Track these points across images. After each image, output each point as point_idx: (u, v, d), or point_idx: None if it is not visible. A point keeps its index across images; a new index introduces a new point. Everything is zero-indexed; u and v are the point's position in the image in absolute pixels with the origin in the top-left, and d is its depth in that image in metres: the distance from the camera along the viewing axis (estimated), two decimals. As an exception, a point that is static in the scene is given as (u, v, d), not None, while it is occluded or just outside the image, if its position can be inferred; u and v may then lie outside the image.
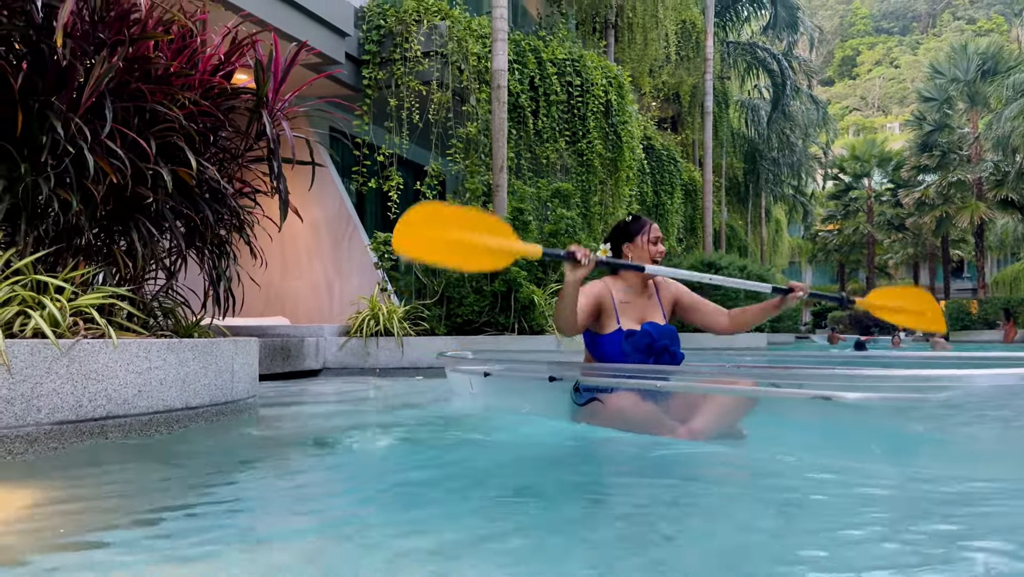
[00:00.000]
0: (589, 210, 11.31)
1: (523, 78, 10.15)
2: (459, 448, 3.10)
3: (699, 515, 1.91)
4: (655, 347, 2.94)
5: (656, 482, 2.32)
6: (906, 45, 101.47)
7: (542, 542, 1.59)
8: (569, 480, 2.40)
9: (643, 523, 1.77)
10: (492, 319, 8.18)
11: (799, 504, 1.98)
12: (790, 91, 22.12)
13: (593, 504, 2.04)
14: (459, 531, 1.66)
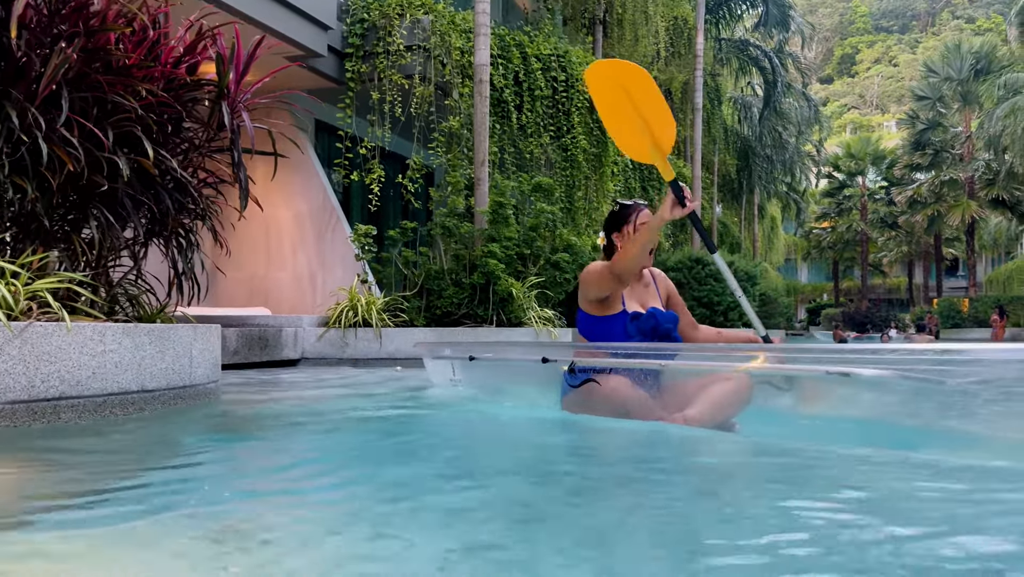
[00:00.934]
0: (573, 205, 11.41)
1: (507, 73, 10.23)
2: (421, 433, 3.20)
3: (636, 489, 2.01)
4: (660, 330, 2.92)
5: (637, 467, 2.42)
6: (905, 44, 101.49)
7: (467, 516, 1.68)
8: (530, 463, 2.49)
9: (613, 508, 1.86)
10: (471, 311, 8.27)
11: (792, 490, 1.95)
12: (781, 88, 22.21)
13: (547, 484, 2.13)
14: (402, 507, 1.75)
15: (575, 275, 9.38)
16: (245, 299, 9.56)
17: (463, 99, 9.44)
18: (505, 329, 8.14)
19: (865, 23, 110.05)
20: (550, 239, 9.20)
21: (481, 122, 8.77)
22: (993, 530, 1.45)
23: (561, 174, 11.15)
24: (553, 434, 3.07)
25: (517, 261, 8.66)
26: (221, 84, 3.42)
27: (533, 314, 8.50)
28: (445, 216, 8.43)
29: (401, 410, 3.91)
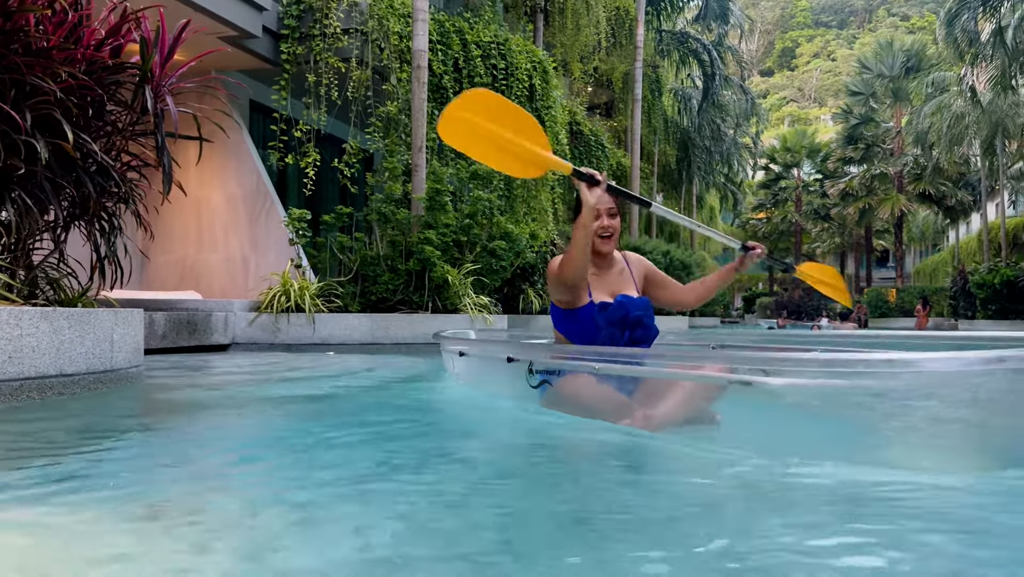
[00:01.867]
0: (511, 193, 11.49)
1: (447, 59, 10.24)
2: (339, 417, 3.25)
3: (539, 476, 2.12)
4: (629, 319, 2.77)
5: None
6: (843, 39, 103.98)
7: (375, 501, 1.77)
8: (449, 448, 2.58)
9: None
10: (407, 297, 8.32)
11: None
12: (720, 81, 22.64)
13: (463, 469, 2.22)
14: (319, 490, 1.82)
15: (511, 263, 9.51)
16: (175, 283, 9.42)
17: (401, 84, 9.42)
18: (441, 316, 8.21)
19: (806, 17, 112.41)
20: (487, 227, 9.27)
21: (419, 108, 8.78)
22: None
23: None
24: (484, 423, 3.17)
25: (454, 248, 8.72)
26: (144, 68, 3.40)
27: (469, 301, 8.59)
28: (382, 202, 8.43)
29: (329, 394, 3.97)
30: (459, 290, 8.45)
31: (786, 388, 2.07)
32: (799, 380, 2.07)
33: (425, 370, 5.63)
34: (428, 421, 3.24)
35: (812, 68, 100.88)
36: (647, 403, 2.58)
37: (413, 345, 7.89)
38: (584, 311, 2.82)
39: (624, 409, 2.61)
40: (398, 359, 6.50)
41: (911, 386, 1.91)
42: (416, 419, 3.28)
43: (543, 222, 11.98)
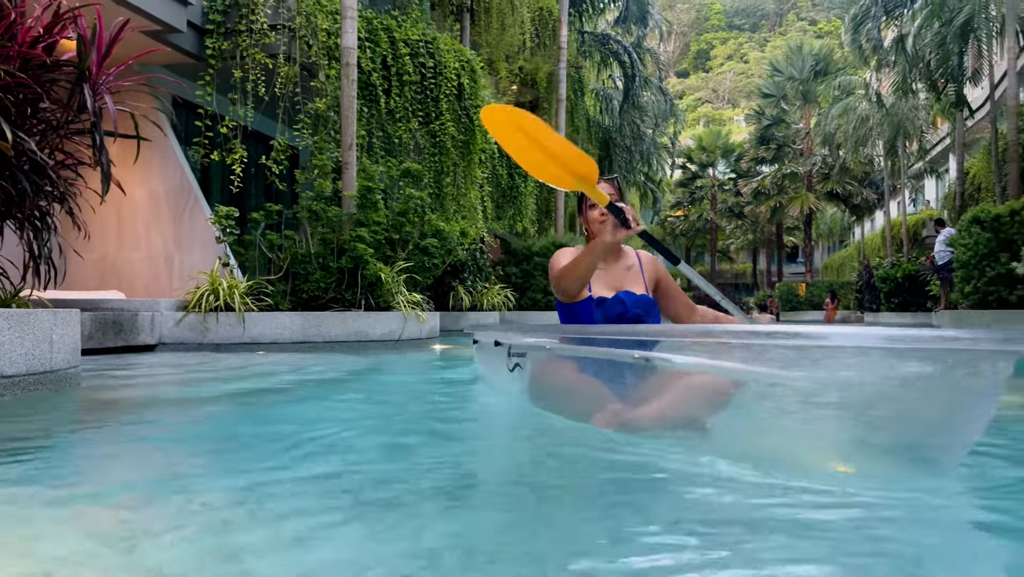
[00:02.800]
0: (442, 190, 11.56)
1: (375, 56, 10.23)
2: (273, 418, 3.28)
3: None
4: (627, 316, 2.67)
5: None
6: (755, 42, 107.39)
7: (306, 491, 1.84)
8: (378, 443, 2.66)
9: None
10: (339, 295, 8.30)
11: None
12: (639, 82, 23.17)
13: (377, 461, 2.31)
14: (254, 490, 1.89)
15: (443, 260, 9.58)
16: (97, 282, 9.14)
17: (330, 81, 9.37)
18: (373, 313, 8.23)
19: (720, 20, 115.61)
20: (419, 224, 9.32)
21: (348, 105, 8.76)
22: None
23: (430, 160, 11.27)
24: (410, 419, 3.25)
25: (386, 246, 8.74)
26: (82, 66, 3.36)
27: (402, 298, 8.62)
28: (312, 199, 8.38)
29: (260, 394, 3.98)
30: (392, 288, 8.48)
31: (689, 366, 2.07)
32: (700, 359, 2.04)
33: (360, 367, 5.67)
34: (366, 415, 3.31)
35: (726, 70, 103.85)
36: (627, 401, 2.33)
37: (346, 343, 7.88)
38: (582, 306, 2.73)
39: (607, 405, 2.36)
40: (332, 357, 6.50)
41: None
42: (352, 412, 3.35)
43: (473, 220, 12.09)
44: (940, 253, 14.94)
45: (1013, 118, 13.70)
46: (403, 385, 4.78)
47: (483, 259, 13.87)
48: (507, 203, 16.66)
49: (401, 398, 4.00)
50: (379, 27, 10.39)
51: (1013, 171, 13.52)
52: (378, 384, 4.74)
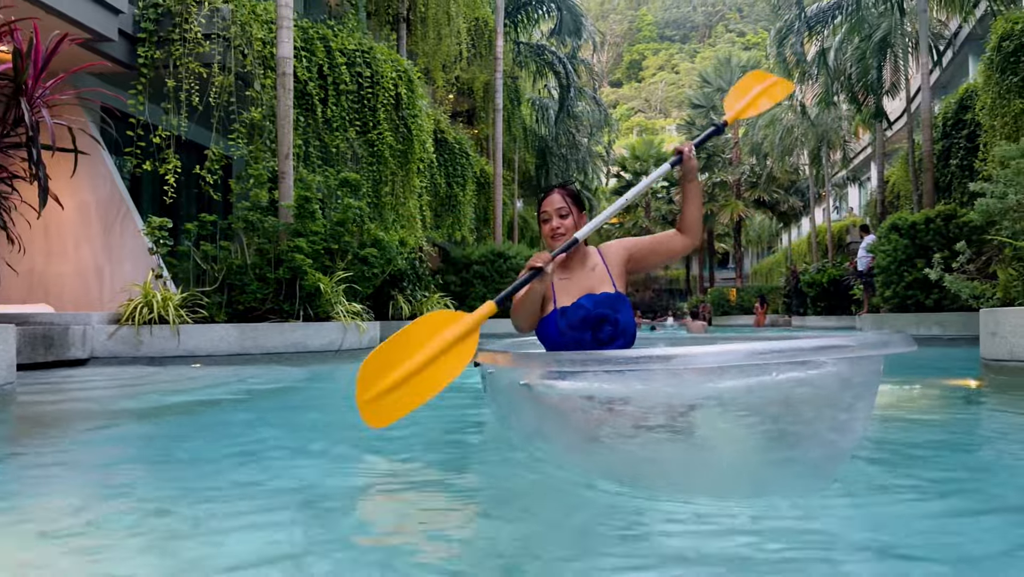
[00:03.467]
0: (380, 199, 11.55)
1: (311, 66, 10.19)
2: (199, 432, 3.29)
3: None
4: (590, 318, 2.55)
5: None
6: (686, 53, 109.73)
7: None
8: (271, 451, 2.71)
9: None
10: (276, 306, 8.23)
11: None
12: (574, 93, 23.53)
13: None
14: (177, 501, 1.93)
15: (383, 269, 9.58)
16: (23, 295, 8.85)
17: (266, 91, 9.30)
18: (313, 324, 8.19)
19: (651, 31, 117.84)
20: (358, 234, 9.31)
21: (284, 115, 8.71)
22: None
23: (368, 169, 11.26)
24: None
25: (324, 256, 8.70)
26: (19, 80, 3.32)
27: (341, 308, 8.60)
28: (248, 210, 8.30)
29: (195, 407, 3.97)
30: (331, 298, 8.46)
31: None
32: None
33: (296, 379, 5.67)
34: (296, 426, 3.35)
35: (658, 80, 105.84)
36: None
37: (285, 354, 7.82)
38: (547, 320, 2.63)
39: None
40: (270, 369, 6.46)
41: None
42: (284, 424, 3.38)
43: (412, 229, 12.11)
44: (862, 259, 15.59)
45: (927, 130, 14.41)
46: (334, 394, 4.80)
47: (423, 268, 13.89)
48: (446, 212, 16.72)
49: (332, 406, 4.04)
50: (315, 36, 10.35)
51: (928, 180, 14.22)
52: (313, 394, 4.76)
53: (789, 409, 1.63)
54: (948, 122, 15.69)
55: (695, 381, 1.66)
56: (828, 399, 1.63)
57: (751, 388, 1.63)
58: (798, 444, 1.65)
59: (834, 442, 1.68)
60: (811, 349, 1.57)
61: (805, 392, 1.62)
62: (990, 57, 12.06)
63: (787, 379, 1.62)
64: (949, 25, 21.12)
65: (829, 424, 1.64)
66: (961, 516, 1.69)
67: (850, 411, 1.66)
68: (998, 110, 11.77)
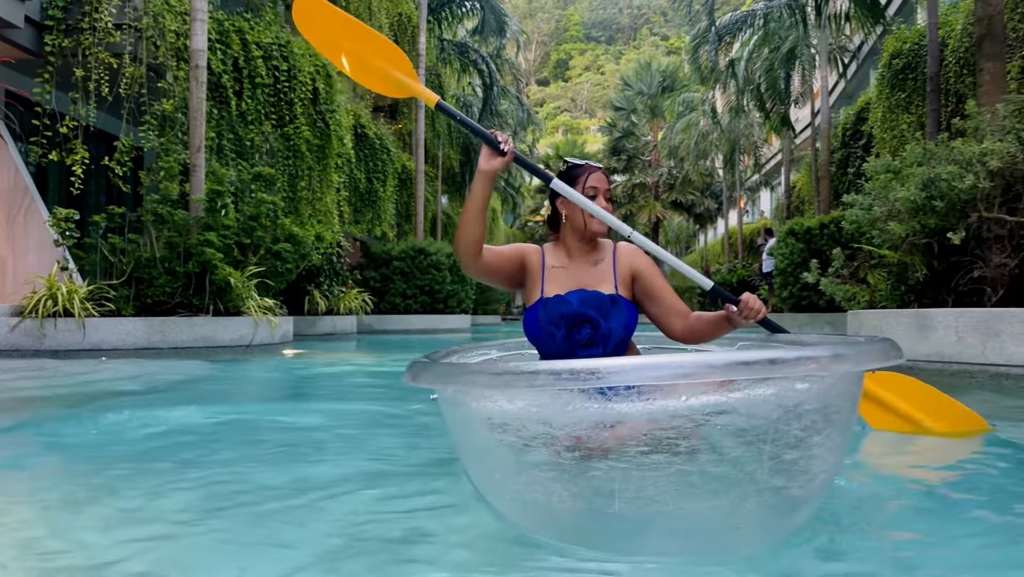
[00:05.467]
0: (296, 194, 11.57)
1: (226, 59, 10.15)
2: (106, 424, 3.41)
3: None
4: (568, 315, 2.21)
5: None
6: (611, 54, 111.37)
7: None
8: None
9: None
10: (186, 300, 8.22)
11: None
12: (498, 92, 23.80)
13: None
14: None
15: (297, 265, 9.64)
16: (-83, 286, 8.59)
17: (178, 82, 9.24)
18: (223, 318, 8.21)
19: (578, 31, 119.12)
20: (271, 229, 9.34)
21: (197, 108, 8.68)
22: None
23: (283, 163, 11.26)
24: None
25: (236, 250, 8.71)
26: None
27: (253, 303, 8.64)
28: (158, 202, 8.26)
29: (98, 399, 4.06)
30: (242, 292, 8.48)
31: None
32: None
33: (201, 373, 5.75)
34: (200, 421, 3.51)
35: (583, 80, 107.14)
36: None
37: (193, 349, 7.83)
38: (531, 310, 2.31)
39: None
40: (176, 363, 6.50)
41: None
42: (188, 417, 3.53)
43: (329, 224, 12.15)
44: (766, 261, 16.37)
45: (826, 140, 15.24)
46: (241, 386, 4.93)
47: (340, 263, 13.93)
48: (366, 207, 16.74)
49: (240, 400, 4.18)
50: (231, 29, 10.31)
51: (825, 188, 15.04)
52: (222, 386, 4.87)
53: (708, 445, 1.30)
54: (847, 132, 16.62)
55: (584, 405, 1.32)
56: (763, 432, 1.28)
57: (654, 416, 1.29)
58: (723, 492, 1.31)
59: (781, 489, 1.33)
60: (733, 365, 1.18)
61: (728, 422, 1.28)
62: (882, 73, 12.88)
63: (701, 405, 1.27)
64: (854, 39, 22.25)
65: (768, 466, 1.30)
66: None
67: (800, 447, 1.32)
68: (888, 123, 12.59)
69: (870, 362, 1.30)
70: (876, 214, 5.90)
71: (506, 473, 1.51)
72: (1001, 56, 6.75)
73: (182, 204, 8.60)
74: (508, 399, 1.41)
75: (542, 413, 1.36)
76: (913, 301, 6.04)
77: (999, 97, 6.24)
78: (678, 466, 1.29)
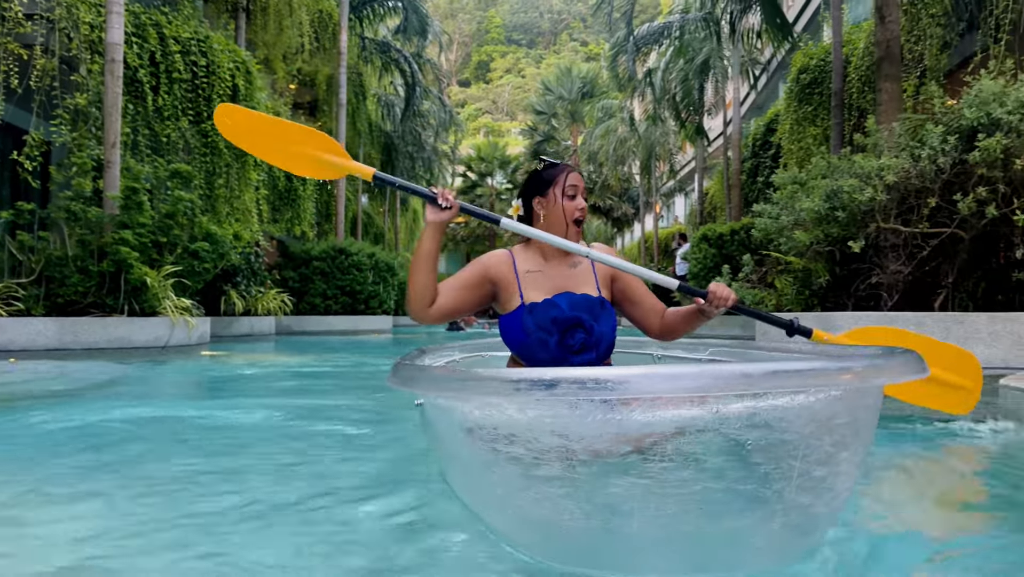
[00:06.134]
0: (214, 192, 11.34)
1: (143, 52, 9.88)
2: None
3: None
4: (561, 320, 2.14)
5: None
6: (532, 58, 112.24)
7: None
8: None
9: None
10: (99, 300, 8.00)
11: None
12: (420, 92, 23.79)
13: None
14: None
15: (215, 264, 9.48)
16: None
17: (93, 76, 8.96)
18: (138, 319, 8.02)
19: (499, 34, 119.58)
20: (189, 228, 9.15)
21: (113, 102, 8.45)
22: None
23: (200, 160, 11.02)
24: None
25: (152, 249, 8.52)
26: None
27: (169, 303, 8.46)
28: (70, 199, 8.00)
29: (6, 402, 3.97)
30: (159, 292, 8.30)
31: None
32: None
33: (121, 375, 5.63)
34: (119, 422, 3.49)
35: (505, 83, 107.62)
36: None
37: (107, 350, 7.63)
38: (513, 315, 2.21)
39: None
40: (88, 364, 6.34)
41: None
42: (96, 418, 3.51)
43: (247, 223, 11.95)
44: (679, 265, 16.92)
45: (736, 149, 15.87)
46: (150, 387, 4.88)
47: (258, 263, 13.70)
48: (285, 206, 16.48)
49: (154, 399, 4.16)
50: (148, 23, 10.05)
51: (736, 195, 15.67)
52: (141, 387, 4.81)
53: (738, 460, 1.23)
54: (757, 142, 17.33)
55: (602, 416, 1.23)
56: (796, 447, 1.23)
57: (682, 427, 1.21)
58: (749, 510, 1.25)
59: (807, 507, 1.28)
60: (781, 374, 1.14)
61: (762, 437, 1.22)
62: (790, 87, 13.51)
63: (735, 416, 1.21)
64: (765, 52, 23.20)
65: (798, 482, 1.24)
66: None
67: (829, 464, 1.27)
68: (795, 135, 13.22)
69: (900, 375, 1.26)
70: (783, 223, 6.25)
71: (510, 488, 1.41)
72: (898, 77, 7.25)
73: (95, 201, 8.35)
74: (518, 408, 1.31)
75: (557, 424, 1.27)
76: (816, 304, 6.42)
77: (896, 116, 6.71)
78: (704, 484, 1.23)
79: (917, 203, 5.44)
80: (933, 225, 5.41)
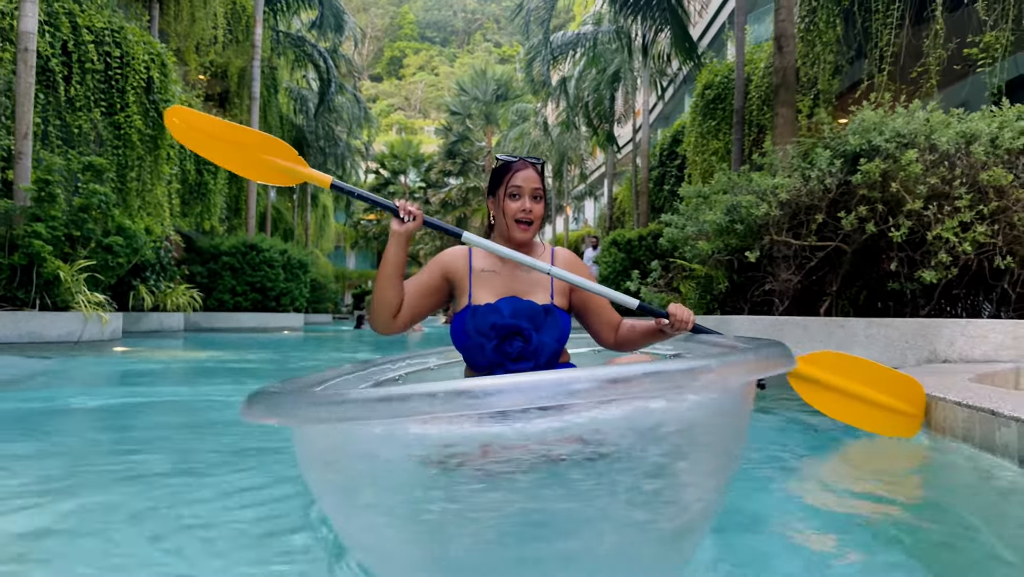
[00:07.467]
0: (126, 185, 11.14)
1: (55, 42, 9.66)
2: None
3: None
4: (500, 326, 2.03)
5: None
6: (445, 56, 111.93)
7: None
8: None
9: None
10: (10, 294, 7.82)
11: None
12: (335, 87, 23.67)
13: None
14: None
15: (129, 260, 9.36)
16: None
17: (3, 65, 8.72)
18: (50, 313, 7.89)
19: (412, 30, 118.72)
20: (103, 221, 9.02)
21: (25, 92, 8.27)
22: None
23: (113, 152, 10.81)
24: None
25: (65, 243, 8.38)
26: None
27: (82, 298, 8.34)
28: (-22, 190, 7.81)
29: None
30: (72, 287, 8.18)
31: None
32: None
33: (36, 370, 5.60)
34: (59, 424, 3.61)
35: (418, 80, 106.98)
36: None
37: (17, 345, 7.48)
38: (460, 316, 2.13)
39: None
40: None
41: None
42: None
43: (159, 216, 11.77)
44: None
45: (644, 158, 16.56)
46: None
47: (167, 257, 13.47)
48: (195, 200, 16.19)
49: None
50: (60, 11, 9.82)
51: (644, 202, 16.36)
52: (56, 381, 4.85)
53: (554, 477, 1.11)
54: (664, 152, 18.11)
55: (401, 435, 1.12)
56: (614, 459, 1.11)
57: (506, 441, 1.11)
58: (577, 530, 1.13)
59: (649, 523, 1.16)
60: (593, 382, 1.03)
61: (576, 451, 1.11)
62: (695, 102, 14.23)
63: (547, 429, 1.10)
64: (672, 64, 24.17)
65: (625, 497, 1.13)
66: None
67: (663, 475, 1.15)
68: (699, 148, 13.95)
69: (752, 373, 1.17)
70: (688, 233, 6.76)
71: (337, 514, 1.31)
72: (793, 103, 7.89)
73: (5, 192, 8.16)
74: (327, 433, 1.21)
75: (364, 448, 1.17)
76: (717, 309, 6.96)
77: (790, 139, 7.33)
78: (520, 504, 1.11)
79: (806, 219, 6.01)
80: (820, 239, 5.99)
